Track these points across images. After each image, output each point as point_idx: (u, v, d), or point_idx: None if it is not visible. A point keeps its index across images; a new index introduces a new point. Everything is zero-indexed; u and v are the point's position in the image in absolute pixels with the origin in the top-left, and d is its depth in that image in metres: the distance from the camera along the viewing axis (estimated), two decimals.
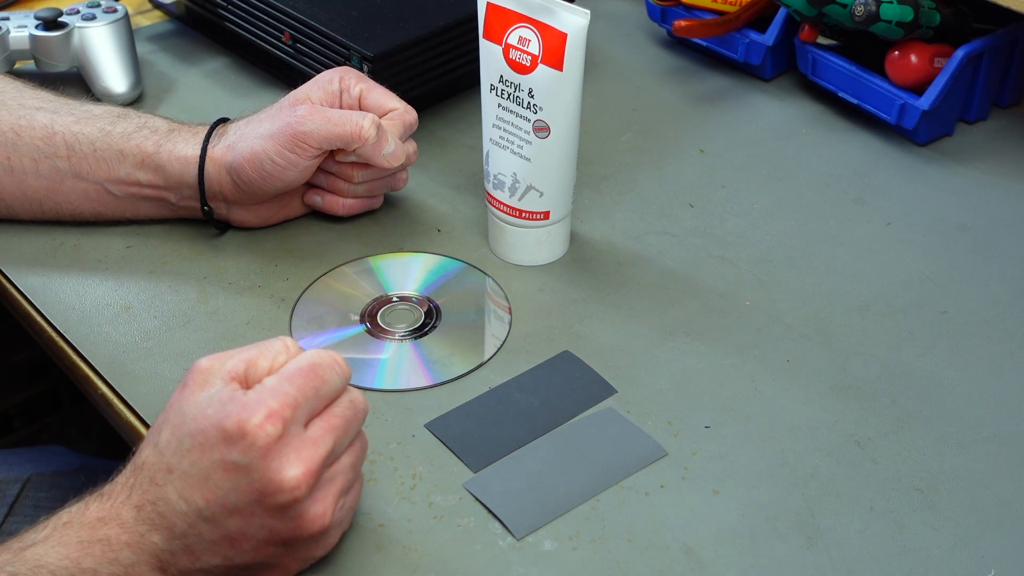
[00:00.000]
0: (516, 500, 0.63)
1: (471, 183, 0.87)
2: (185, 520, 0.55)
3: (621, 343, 0.73)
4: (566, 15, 0.70)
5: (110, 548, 0.56)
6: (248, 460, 0.54)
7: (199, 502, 0.55)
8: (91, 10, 0.95)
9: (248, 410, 0.54)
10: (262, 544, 0.56)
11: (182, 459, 0.55)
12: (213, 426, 0.55)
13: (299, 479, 0.55)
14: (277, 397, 0.55)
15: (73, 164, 0.78)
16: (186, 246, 0.80)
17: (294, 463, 0.55)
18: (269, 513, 0.55)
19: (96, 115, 0.79)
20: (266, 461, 0.54)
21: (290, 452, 0.55)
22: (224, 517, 0.55)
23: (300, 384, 0.56)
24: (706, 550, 0.61)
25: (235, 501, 0.55)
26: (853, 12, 0.86)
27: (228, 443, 0.54)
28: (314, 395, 0.56)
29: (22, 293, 0.77)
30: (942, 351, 0.73)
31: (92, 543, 0.56)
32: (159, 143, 0.77)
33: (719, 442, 0.67)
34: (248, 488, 0.54)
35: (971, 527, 0.62)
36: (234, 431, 0.54)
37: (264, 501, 0.55)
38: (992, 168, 0.90)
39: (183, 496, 0.55)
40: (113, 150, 0.77)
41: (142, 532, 0.56)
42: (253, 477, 0.54)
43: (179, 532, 0.56)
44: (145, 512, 0.56)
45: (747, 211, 0.85)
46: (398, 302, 0.76)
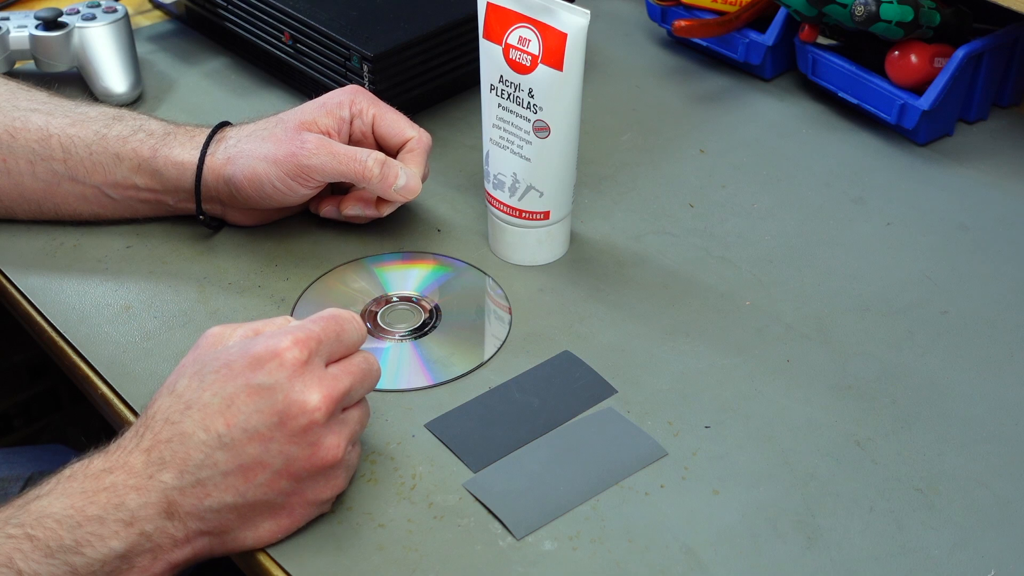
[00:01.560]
0: (516, 500, 0.63)
1: (471, 183, 0.87)
2: (202, 450, 0.57)
3: (621, 343, 0.73)
4: (566, 15, 0.70)
5: (115, 494, 0.56)
6: (274, 381, 0.57)
7: (220, 428, 0.57)
8: (91, 10, 0.95)
9: (275, 338, 0.58)
10: (276, 476, 0.58)
11: (203, 392, 0.57)
12: (240, 355, 0.58)
13: (320, 403, 0.57)
14: (303, 330, 0.59)
15: (69, 167, 0.77)
16: (186, 246, 0.80)
17: (316, 389, 0.58)
18: (288, 437, 0.57)
19: (92, 117, 0.79)
20: (291, 382, 0.57)
21: (313, 379, 0.58)
22: (244, 443, 0.57)
23: (323, 325, 0.60)
24: (706, 550, 0.61)
25: (256, 424, 0.57)
26: (853, 12, 0.86)
27: (255, 367, 0.57)
28: (335, 338, 0.60)
29: (22, 293, 0.77)
30: (942, 351, 0.73)
31: (97, 492, 0.56)
32: (155, 147, 0.77)
33: (719, 442, 0.67)
34: (271, 410, 0.57)
35: (971, 527, 0.62)
36: (263, 354, 0.57)
37: (285, 424, 0.57)
38: (992, 168, 0.90)
39: (203, 425, 0.57)
40: (109, 154, 0.77)
41: (151, 474, 0.57)
42: (277, 398, 0.57)
43: (193, 465, 0.56)
44: (156, 453, 0.57)
45: (747, 211, 0.85)
46: (398, 302, 0.76)
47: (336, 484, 0.60)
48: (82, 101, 0.81)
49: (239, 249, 0.80)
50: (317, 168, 0.74)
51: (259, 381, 0.57)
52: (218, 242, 0.81)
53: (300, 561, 0.60)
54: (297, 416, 0.57)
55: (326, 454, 0.58)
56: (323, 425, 0.58)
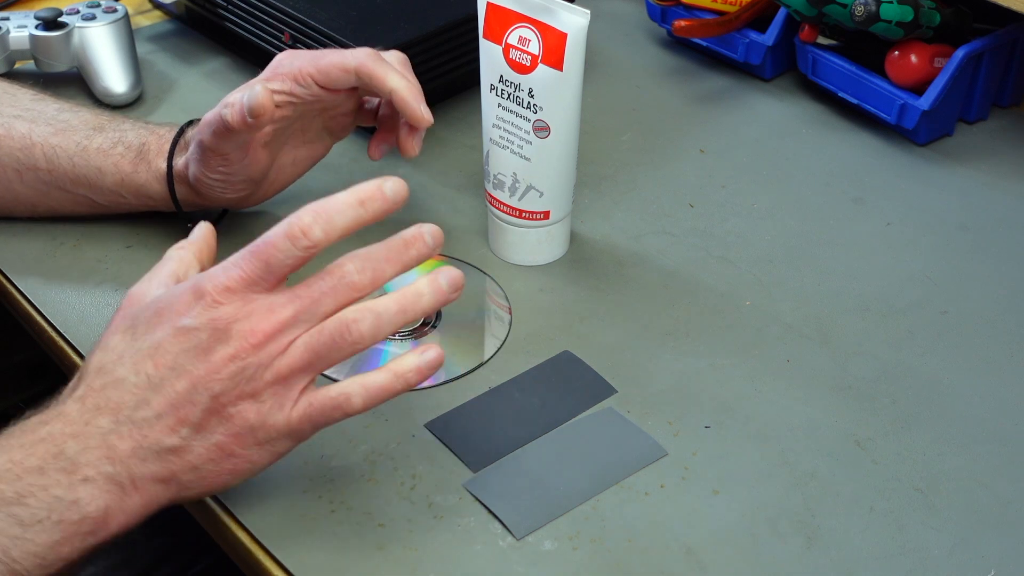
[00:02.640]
0: (516, 500, 0.63)
1: (471, 183, 0.87)
2: (134, 393, 0.56)
3: (621, 343, 0.73)
4: (566, 15, 0.70)
5: (53, 443, 0.56)
6: (200, 321, 0.56)
7: (149, 369, 0.56)
8: (91, 10, 0.95)
9: (200, 279, 0.57)
10: (207, 413, 0.56)
11: (135, 341, 0.57)
12: (166, 302, 0.57)
13: (244, 333, 0.56)
14: (224, 270, 0.57)
15: (55, 177, 0.78)
16: None
17: (243, 317, 0.56)
18: (220, 372, 0.56)
19: (73, 127, 0.79)
20: (217, 317, 0.56)
21: (241, 310, 0.56)
22: (172, 381, 0.56)
23: (247, 262, 0.57)
24: (706, 550, 0.61)
25: (183, 362, 0.56)
26: (853, 12, 0.86)
27: (182, 310, 0.56)
28: (264, 269, 0.57)
29: (22, 293, 0.77)
30: (942, 351, 0.73)
31: (35, 443, 0.56)
32: (135, 163, 0.77)
33: (719, 442, 0.67)
34: (196, 347, 0.56)
35: (971, 527, 0.63)
36: (189, 297, 0.56)
37: (215, 363, 0.56)
38: (992, 168, 0.90)
39: (134, 370, 0.56)
40: (92, 167, 0.77)
41: (87, 420, 0.56)
42: (202, 336, 0.56)
43: (128, 408, 0.56)
44: (90, 400, 0.57)
45: (747, 211, 0.85)
46: None
47: (271, 423, 0.57)
48: (65, 105, 0.81)
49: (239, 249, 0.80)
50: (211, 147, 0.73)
51: (183, 323, 0.56)
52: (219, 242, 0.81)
53: (300, 560, 0.60)
54: (219, 350, 0.56)
55: (251, 387, 0.56)
56: (251, 359, 0.56)
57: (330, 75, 0.74)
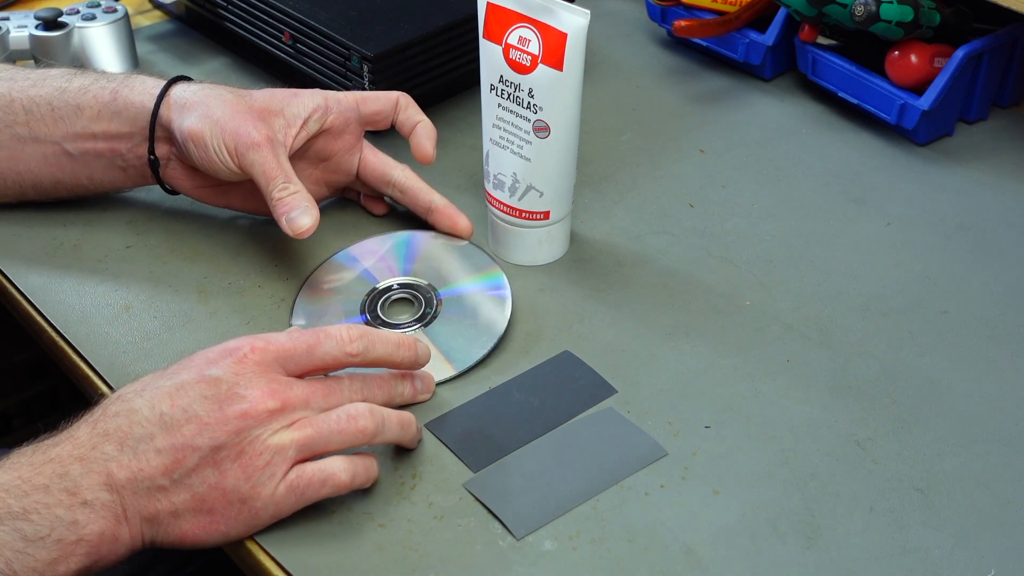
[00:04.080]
0: (516, 500, 0.63)
1: (471, 183, 0.87)
2: (144, 426, 0.58)
3: (621, 343, 0.73)
4: (566, 15, 0.70)
5: (60, 464, 0.57)
6: (222, 373, 0.59)
7: (164, 407, 0.58)
8: (91, 10, 0.95)
9: (237, 339, 0.61)
10: (202, 462, 0.58)
11: (161, 378, 0.60)
12: (201, 353, 0.61)
13: (260, 398, 0.59)
14: (267, 336, 0.61)
15: (32, 128, 0.78)
16: (186, 246, 0.80)
17: (262, 386, 0.59)
18: (221, 424, 0.58)
19: (52, 75, 0.79)
20: (239, 376, 0.59)
21: (263, 378, 0.59)
22: (182, 423, 0.58)
23: (295, 338, 0.62)
24: (706, 550, 0.61)
25: (197, 409, 0.58)
26: (853, 12, 0.86)
27: (211, 362, 0.60)
28: (305, 351, 0.61)
29: (22, 293, 0.77)
30: (942, 351, 0.73)
31: (44, 463, 0.58)
32: (115, 90, 0.77)
33: (719, 442, 0.67)
34: (214, 396, 0.58)
35: (971, 527, 0.62)
36: (220, 352, 0.60)
37: (223, 409, 0.58)
38: (992, 168, 0.90)
39: (150, 404, 0.59)
40: (70, 106, 0.77)
41: (94, 444, 0.58)
42: (221, 388, 0.59)
43: (133, 438, 0.58)
44: (101, 426, 0.59)
45: (747, 211, 0.85)
46: (398, 289, 0.76)
47: (258, 489, 0.59)
48: (46, 66, 0.82)
49: (239, 249, 0.80)
50: (248, 162, 0.73)
51: (210, 372, 0.59)
52: (218, 242, 0.81)
53: (300, 561, 0.60)
54: (235, 406, 0.58)
55: (252, 448, 0.58)
56: (258, 422, 0.59)
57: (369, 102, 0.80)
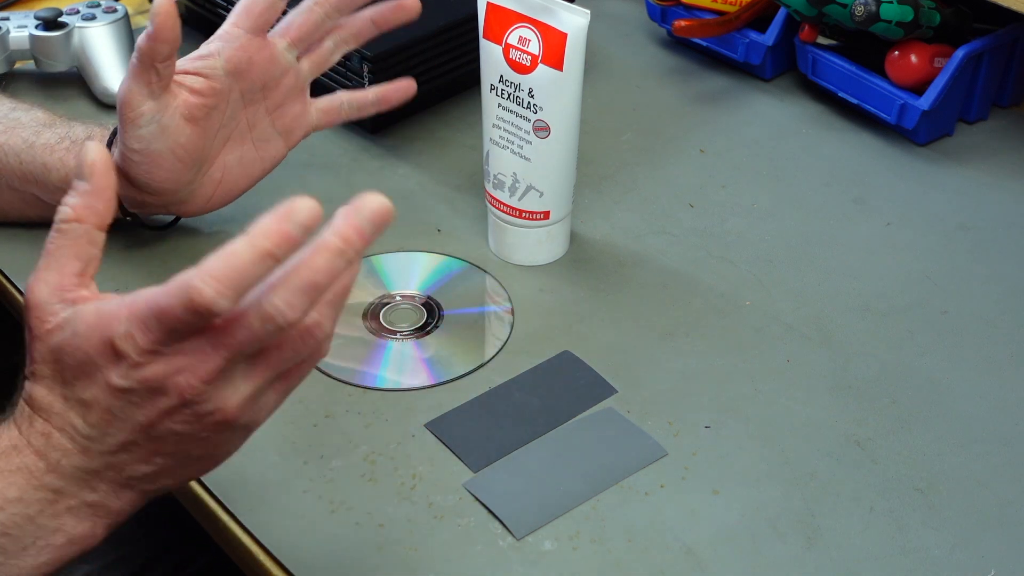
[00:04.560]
0: (516, 500, 0.63)
1: (471, 183, 0.87)
2: (98, 442, 0.54)
3: (621, 343, 0.73)
4: (566, 15, 0.70)
5: (32, 476, 0.55)
6: (131, 383, 0.52)
7: (95, 420, 0.54)
8: (91, 10, 0.95)
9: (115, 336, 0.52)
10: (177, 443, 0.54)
11: (73, 387, 0.54)
12: (85, 353, 0.53)
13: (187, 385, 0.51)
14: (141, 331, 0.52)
15: (4, 176, 0.78)
16: (186, 246, 0.80)
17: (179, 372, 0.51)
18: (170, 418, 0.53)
19: (23, 124, 0.78)
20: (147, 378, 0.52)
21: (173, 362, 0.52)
22: (129, 432, 0.53)
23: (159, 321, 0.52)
24: (706, 550, 0.61)
25: (134, 417, 0.53)
26: (853, 12, 0.86)
27: (107, 365, 0.53)
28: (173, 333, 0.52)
29: (22, 293, 0.77)
30: (942, 351, 0.73)
31: (12, 472, 0.55)
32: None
33: (719, 442, 0.67)
34: (141, 405, 0.53)
35: (971, 527, 0.63)
36: (109, 353, 0.52)
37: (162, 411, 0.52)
38: (992, 168, 0.90)
39: (86, 420, 0.54)
40: (38, 163, 0.77)
41: (58, 457, 0.55)
42: (141, 395, 0.52)
43: (96, 452, 0.54)
44: (54, 439, 0.55)
45: (747, 211, 0.85)
46: (400, 300, 0.76)
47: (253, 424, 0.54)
48: (20, 105, 0.81)
49: None
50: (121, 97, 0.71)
51: (116, 383, 0.52)
52: (219, 243, 0.80)
53: (300, 561, 0.60)
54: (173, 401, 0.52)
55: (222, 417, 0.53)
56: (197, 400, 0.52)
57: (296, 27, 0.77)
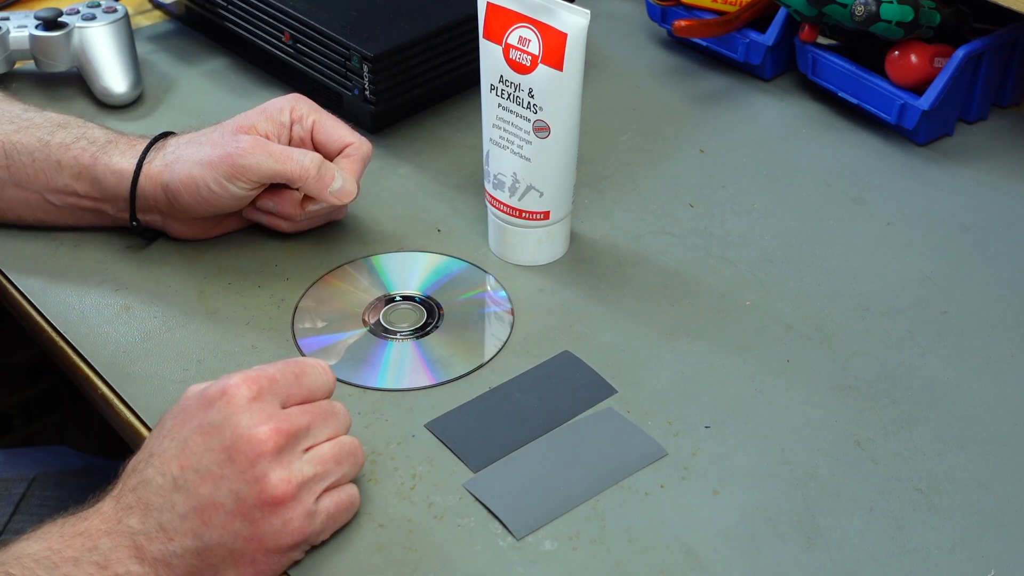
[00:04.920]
0: (516, 500, 0.63)
1: (471, 183, 0.87)
2: (160, 494, 0.57)
3: (621, 343, 0.73)
4: (566, 15, 0.70)
5: (89, 538, 0.57)
6: (222, 418, 0.57)
7: (175, 471, 0.57)
8: (91, 10, 0.95)
9: (226, 378, 0.59)
10: (230, 517, 0.57)
11: (163, 440, 0.58)
12: (194, 398, 0.59)
13: (268, 434, 0.57)
14: (255, 369, 0.60)
15: (12, 173, 0.78)
16: (186, 246, 0.80)
17: (264, 421, 0.58)
18: (237, 474, 0.57)
19: (36, 124, 0.79)
20: (238, 417, 0.57)
21: (263, 414, 0.58)
22: (197, 483, 0.57)
23: (280, 367, 0.60)
24: (706, 550, 0.61)
25: (208, 463, 0.57)
26: (853, 12, 0.86)
27: (206, 407, 0.58)
28: (293, 380, 0.60)
29: (22, 293, 0.77)
30: (942, 351, 0.73)
31: (73, 536, 0.57)
32: (96, 155, 0.77)
33: (719, 442, 0.67)
34: (220, 447, 0.57)
35: (971, 527, 0.63)
36: (214, 394, 0.58)
37: (234, 460, 0.57)
38: (992, 168, 0.90)
39: (160, 470, 0.58)
40: (51, 161, 0.77)
41: (120, 518, 0.57)
42: (225, 435, 0.57)
43: (155, 508, 0.57)
44: (124, 500, 0.58)
45: (747, 211, 0.85)
46: (401, 301, 0.76)
47: (293, 529, 0.58)
48: (31, 107, 0.81)
49: (239, 249, 0.80)
50: (253, 167, 0.73)
51: (209, 420, 0.57)
52: (219, 242, 0.81)
53: (300, 561, 0.60)
54: (244, 450, 0.57)
55: (274, 489, 0.57)
56: (271, 459, 0.57)
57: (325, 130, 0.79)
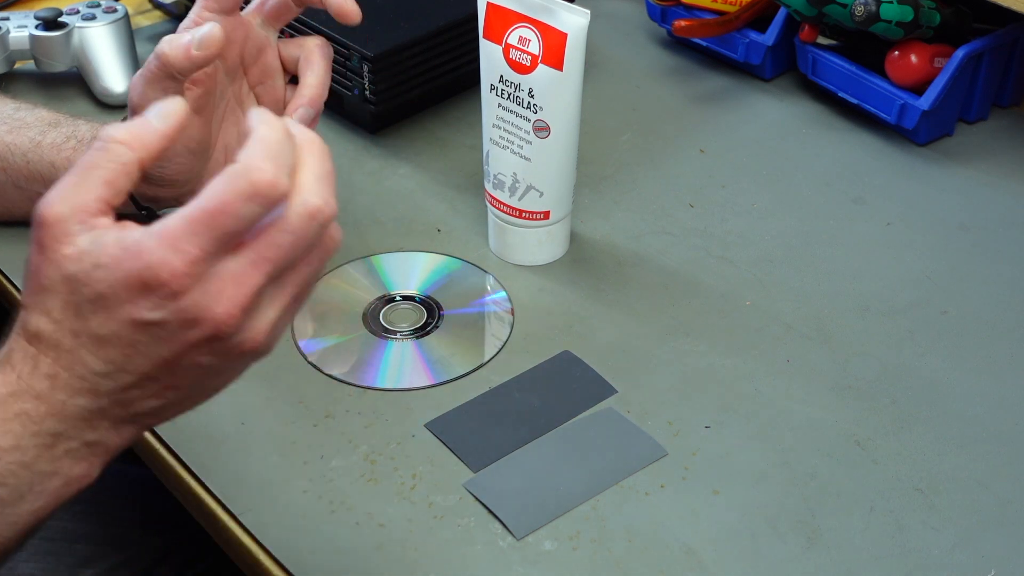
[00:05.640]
0: (516, 500, 0.63)
1: (471, 183, 0.87)
2: (111, 379, 0.52)
3: (621, 343, 0.73)
4: (566, 15, 0.70)
5: (31, 421, 0.52)
6: (164, 314, 0.50)
7: (115, 356, 0.51)
8: (91, 10, 0.95)
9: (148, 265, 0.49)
10: (196, 376, 0.52)
11: (87, 322, 0.51)
12: (108, 286, 0.50)
13: (226, 315, 0.50)
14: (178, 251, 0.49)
15: (10, 175, 0.78)
16: None
17: (217, 301, 0.50)
18: (198, 351, 0.51)
19: (28, 124, 0.79)
20: (184, 308, 0.49)
21: (211, 290, 0.50)
22: (150, 367, 0.51)
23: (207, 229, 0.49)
24: (706, 550, 0.61)
25: (158, 352, 0.51)
26: (853, 12, 0.86)
27: (133, 300, 0.50)
28: (223, 239, 0.49)
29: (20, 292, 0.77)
30: (942, 351, 0.73)
31: (8, 420, 0.52)
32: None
33: (719, 442, 0.67)
34: (169, 339, 0.50)
35: (971, 527, 0.63)
36: (137, 285, 0.50)
37: (190, 344, 0.50)
38: (992, 168, 0.90)
39: (100, 357, 0.51)
40: (45, 162, 0.77)
41: (63, 399, 0.52)
42: (172, 329, 0.50)
43: (106, 390, 0.52)
44: (61, 380, 0.52)
45: (747, 211, 0.85)
46: (401, 301, 0.76)
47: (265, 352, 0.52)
48: (23, 104, 0.81)
49: None
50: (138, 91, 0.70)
51: (146, 316, 0.50)
52: None
53: (300, 561, 0.60)
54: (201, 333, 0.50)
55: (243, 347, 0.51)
56: (237, 332, 0.51)
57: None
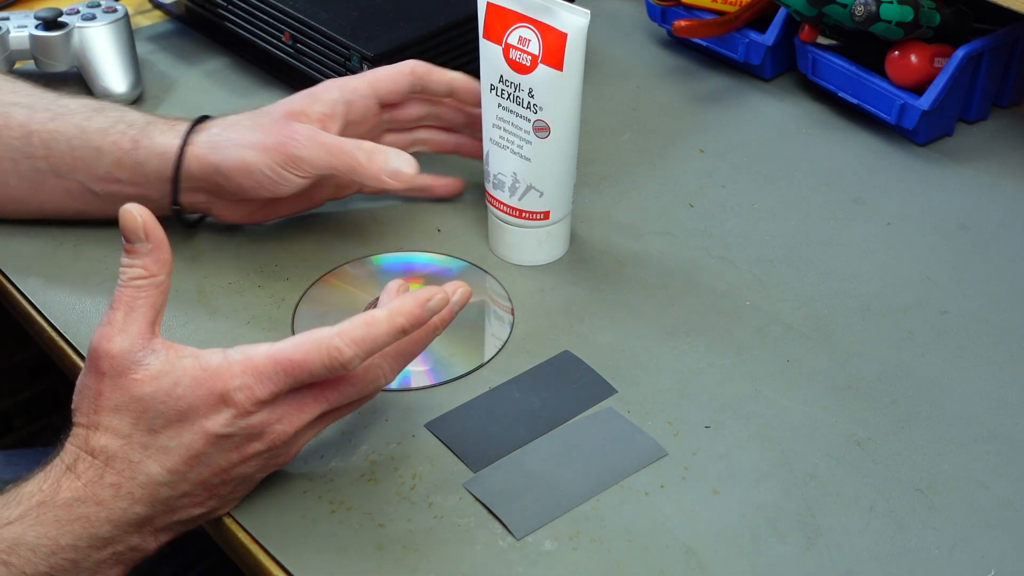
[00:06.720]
0: (516, 500, 0.63)
1: (471, 183, 0.87)
2: (170, 488, 0.58)
3: (621, 343, 0.73)
4: (566, 15, 0.70)
5: (89, 525, 0.58)
6: (234, 429, 0.58)
7: (180, 466, 0.58)
8: (91, 10, 0.95)
9: (229, 389, 0.58)
10: (237, 484, 0.61)
11: (157, 436, 0.58)
12: (188, 403, 0.58)
13: (284, 434, 0.59)
14: (259, 382, 0.58)
15: (52, 163, 0.77)
16: (186, 246, 0.80)
17: (280, 420, 0.59)
18: (249, 461, 0.59)
19: (72, 110, 0.78)
20: (252, 424, 0.58)
21: (277, 410, 0.59)
22: (208, 475, 0.59)
23: (286, 376, 0.58)
24: (706, 550, 0.61)
25: (218, 462, 0.59)
26: (853, 12, 0.86)
27: (210, 414, 0.58)
28: (294, 384, 0.59)
29: (22, 293, 0.77)
30: (942, 351, 0.73)
31: (70, 521, 0.57)
32: (136, 139, 0.76)
33: (719, 442, 0.67)
34: (231, 450, 0.58)
35: (971, 527, 0.63)
36: (216, 402, 0.57)
37: (247, 456, 0.59)
38: (992, 168, 0.90)
39: (161, 466, 0.58)
40: (90, 147, 0.76)
41: (123, 507, 0.58)
42: (237, 441, 0.58)
43: (162, 498, 0.58)
44: (124, 489, 0.58)
45: (747, 211, 0.85)
46: None
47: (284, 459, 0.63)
48: (65, 94, 0.80)
49: (239, 249, 0.80)
50: (308, 160, 0.73)
51: (218, 431, 0.58)
52: (218, 242, 0.81)
53: (300, 560, 0.60)
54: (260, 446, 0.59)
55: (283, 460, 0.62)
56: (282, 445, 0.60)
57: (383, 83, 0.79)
